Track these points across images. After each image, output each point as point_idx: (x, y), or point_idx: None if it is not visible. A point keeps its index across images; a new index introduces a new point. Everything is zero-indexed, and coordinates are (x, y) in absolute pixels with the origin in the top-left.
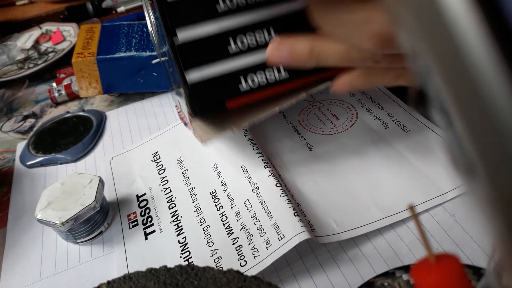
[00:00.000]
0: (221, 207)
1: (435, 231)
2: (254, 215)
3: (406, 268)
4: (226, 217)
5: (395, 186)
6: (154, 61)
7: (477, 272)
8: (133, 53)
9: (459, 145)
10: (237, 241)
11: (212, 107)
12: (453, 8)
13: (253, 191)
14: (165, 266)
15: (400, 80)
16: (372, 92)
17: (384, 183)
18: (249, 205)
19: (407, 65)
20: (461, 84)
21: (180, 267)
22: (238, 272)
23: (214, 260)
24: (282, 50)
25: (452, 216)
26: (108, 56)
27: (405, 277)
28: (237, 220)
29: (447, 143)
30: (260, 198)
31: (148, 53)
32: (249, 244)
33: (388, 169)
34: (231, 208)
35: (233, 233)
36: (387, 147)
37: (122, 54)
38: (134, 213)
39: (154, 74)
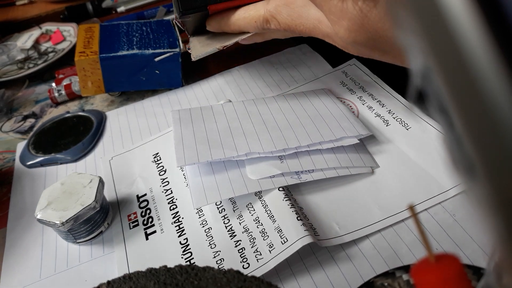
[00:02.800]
0: (223, 210)
1: (435, 231)
2: (257, 218)
3: (406, 268)
4: (228, 219)
5: (396, 184)
6: (157, 59)
7: (477, 272)
8: (135, 51)
9: (459, 145)
10: (240, 243)
11: (195, 8)
12: (453, 8)
13: (255, 194)
14: (165, 266)
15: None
16: (372, 89)
17: (386, 181)
18: (252, 208)
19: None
20: (461, 84)
21: (180, 267)
22: (238, 272)
23: (217, 261)
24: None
25: (452, 216)
26: (111, 54)
27: (405, 277)
28: (240, 223)
29: (447, 143)
30: (263, 202)
31: (150, 51)
32: (252, 247)
33: (389, 167)
34: (233, 211)
35: (235, 235)
36: (388, 144)
37: (125, 52)
38: (135, 213)
39: (157, 71)
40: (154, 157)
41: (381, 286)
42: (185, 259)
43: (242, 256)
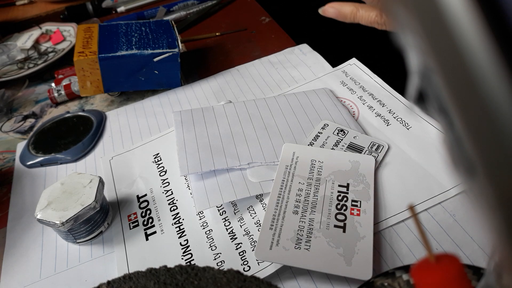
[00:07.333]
0: (224, 212)
1: (435, 231)
2: (257, 221)
3: (406, 268)
4: (229, 222)
5: (397, 184)
6: (156, 59)
7: (477, 272)
8: (134, 51)
9: (459, 145)
10: (241, 246)
11: None
12: (453, 8)
13: (256, 197)
14: (165, 266)
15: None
16: (373, 88)
17: (386, 181)
18: (253, 212)
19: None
20: (461, 84)
21: (180, 267)
22: (238, 272)
23: (217, 263)
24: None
25: (452, 216)
26: (110, 55)
27: (405, 277)
28: (241, 226)
29: (447, 143)
30: (264, 205)
31: (149, 51)
32: (253, 250)
33: (390, 167)
34: (234, 213)
35: (236, 238)
36: (389, 144)
37: (123, 53)
38: (135, 213)
39: (156, 72)
40: (155, 158)
41: (381, 286)
42: (185, 260)
43: (243, 259)
